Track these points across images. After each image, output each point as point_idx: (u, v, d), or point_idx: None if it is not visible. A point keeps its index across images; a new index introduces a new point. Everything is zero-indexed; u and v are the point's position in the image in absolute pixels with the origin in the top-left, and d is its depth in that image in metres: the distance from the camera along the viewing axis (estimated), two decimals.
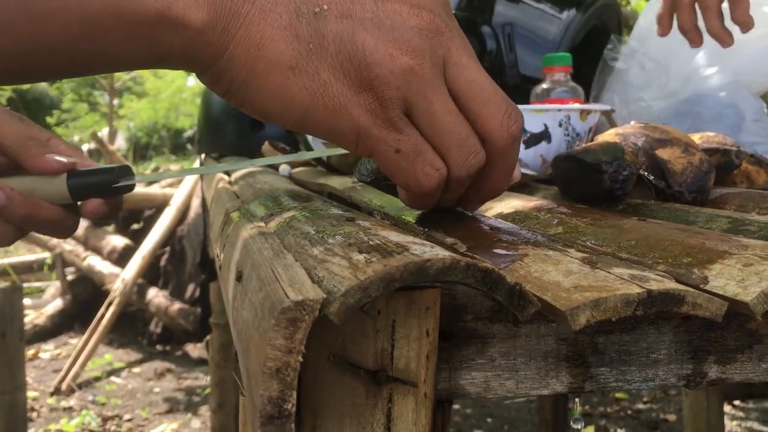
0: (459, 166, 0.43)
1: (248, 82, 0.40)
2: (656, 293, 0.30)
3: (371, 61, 0.40)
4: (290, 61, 0.39)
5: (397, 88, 0.40)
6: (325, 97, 0.40)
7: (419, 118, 0.42)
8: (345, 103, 0.40)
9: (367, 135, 0.41)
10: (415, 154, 0.42)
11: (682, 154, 0.59)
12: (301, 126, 0.42)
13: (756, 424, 2.91)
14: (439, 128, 0.42)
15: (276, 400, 0.26)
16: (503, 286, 0.29)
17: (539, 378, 0.37)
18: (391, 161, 0.42)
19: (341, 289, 0.27)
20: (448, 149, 0.43)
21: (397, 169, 0.42)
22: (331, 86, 0.40)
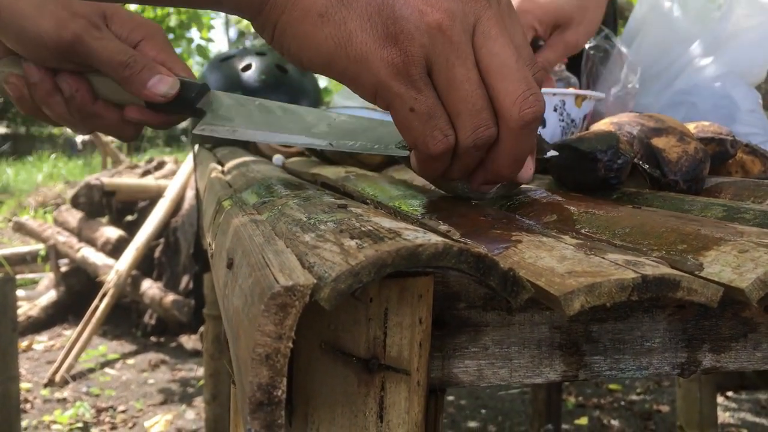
0: (467, 135, 0.43)
1: (285, 29, 0.42)
2: (651, 278, 0.30)
3: (399, 15, 0.41)
4: (320, 8, 0.41)
5: (421, 45, 0.41)
6: (348, 47, 0.41)
7: (438, 80, 0.42)
8: (367, 54, 0.41)
9: (385, 89, 0.42)
10: (427, 117, 0.43)
11: (678, 142, 0.59)
12: (327, 72, 0.43)
13: (749, 415, 2.92)
14: (456, 94, 0.42)
15: (266, 386, 0.25)
16: (496, 272, 0.29)
17: (533, 366, 0.37)
18: (404, 118, 0.43)
19: (332, 274, 0.27)
20: (459, 116, 0.43)
21: (408, 127, 0.43)
22: (356, 37, 0.41)
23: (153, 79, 0.55)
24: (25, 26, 0.53)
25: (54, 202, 6.69)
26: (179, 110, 0.58)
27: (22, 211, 6.66)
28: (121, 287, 3.71)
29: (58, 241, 4.32)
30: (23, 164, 10.98)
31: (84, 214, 4.40)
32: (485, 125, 0.43)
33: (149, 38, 0.58)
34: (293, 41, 0.43)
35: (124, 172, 4.96)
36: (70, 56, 0.55)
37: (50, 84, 0.56)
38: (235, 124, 0.57)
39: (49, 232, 4.46)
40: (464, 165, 0.46)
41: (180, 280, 4.01)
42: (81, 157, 11.53)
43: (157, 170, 4.88)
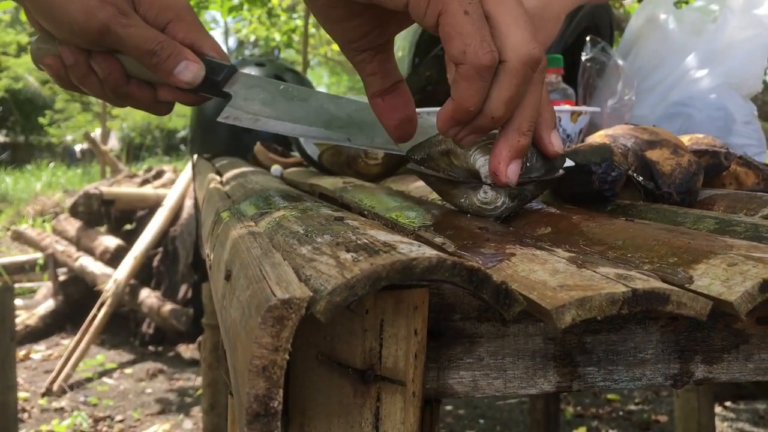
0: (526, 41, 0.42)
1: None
2: (641, 292, 0.30)
3: None
4: None
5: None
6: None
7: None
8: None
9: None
10: (481, 21, 0.41)
11: (671, 155, 0.60)
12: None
13: (747, 425, 2.92)
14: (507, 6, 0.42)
15: (262, 398, 0.26)
16: (489, 285, 0.29)
17: (527, 377, 0.37)
18: (458, 22, 0.41)
19: (328, 287, 0.27)
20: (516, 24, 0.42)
21: (461, 32, 0.41)
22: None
23: (179, 66, 0.55)
24: (54, 13, 0.54)
25: (52, 210, 6.69)
26: (208, 91, 0.59)
27: (21, 220, 6.66)
28: (119, 296, 3.71)
29: (56, 250, 4.32)
30: (22, 173, 10.98)
31: (82, 223, 4.40)
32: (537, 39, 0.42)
33: (178, 19, 0.58)
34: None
35: (123, 181, 4.96)
36: (100, 42, 0.55)
37: (85, 66, 0.57)
38: (258, 113, 0.58)
39: (47, 241, 4.46)
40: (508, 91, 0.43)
41: (178, 289, 4.00)
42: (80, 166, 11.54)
43: (156, 179, 4.88)
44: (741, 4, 1.10)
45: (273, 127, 0.58)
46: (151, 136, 13.54)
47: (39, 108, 13.66)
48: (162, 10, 0.57)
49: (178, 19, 0.58)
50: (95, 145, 6.44)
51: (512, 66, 0.42)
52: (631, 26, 1.23)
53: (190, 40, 0.57)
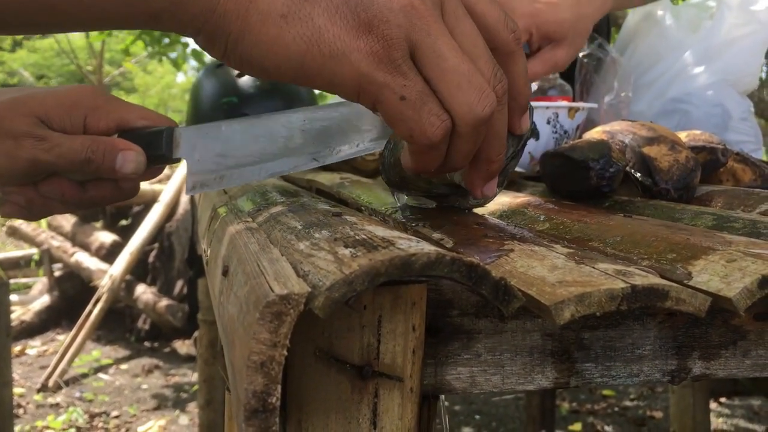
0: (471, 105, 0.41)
1: (243, 37, 0.39)
2: (640, 288, 0.30)
3: (368, 1, 0.38)
4: (282, 9, 0.38)
5: (398, 26, 0.39)
6: (321, 43, 0.38)
7: (424, 58, 0.40)
8: (343, 48, 0.38)
9: (370, 81, 0.39)
10: (421, 102, 0.40)
11: (669, 151, 0.60)
12: (301, 78, 0.40)
13: (742, 421, 2.93)
14: (446, 65, 0.40)
15: (260, 393, 0.26)
16: (488, 281, 0.29)
17: (525, 373, 0.37)
18: (396, 110, 0.40)
19: (326, 283, 0.27)
20: (458, 87, 0.40)
21: (402, 118, 0.40)
22: (327, 32, 0.38)
23: (117, 161, 0.52)
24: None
25: None
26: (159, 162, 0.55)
27: None
28: (114, 292, 3.71)
29: (51, 245, 4.31)
30: None
31: (78, 218, 4.39)
32: (487, 91, 0.41)
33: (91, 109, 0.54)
34: (255, 49, 0.39)
35: None
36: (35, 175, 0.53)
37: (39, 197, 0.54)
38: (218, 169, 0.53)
39: (42, 236, 4.45)
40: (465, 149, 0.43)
41: (174, 285, 4.00)
42: None
43: None
44: (738, 0, 1.10)
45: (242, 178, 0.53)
46: None
47: None
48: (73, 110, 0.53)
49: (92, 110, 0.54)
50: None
51: (462, 131, 0.42)
52: (628, 23, 1.23)
53: (115, 122, 0.54)
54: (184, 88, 11.04)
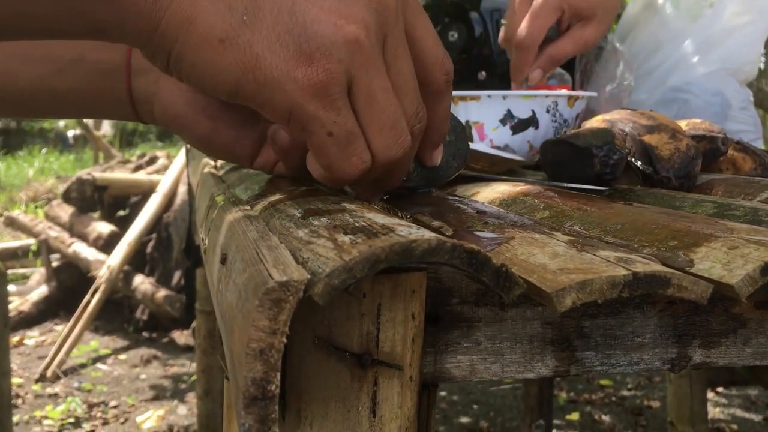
0: (389, 148, 0.42)
1: (182, 57, 0.39)
2: (642, 275, 0.30)
3: (313, 32, 0.38)
4: (220, 33, 0.37)
5: (339, 61, 0.38)
6: (257, 71, 0.38)
7: (358, 95, 0.40)
8: (278, 77, 0.38)
9: (301, 112, 0.39)
10: (347, 142, 0.41)
11: (670, 140, 0.60)
12: (235, 99, 0.40)
13: (739, 410, 2.94)
14: (376, 106, 0.41)
15: (260, 381, 0.26)
16: (489, 268, 0.29)
17: (525, 362, 0.37)
18: (322, 143, 0.40)
19: (326, 269, 0.27)
20: (381, 130, 0.41)
21: (325, 152, 0.41)
22: (264, 60, 0.38)
23: None
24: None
25: (45, 196, 6.67)
26: None
27: (14, 206, 6.64)
28: (112, 282, 3.71)
29: (49, 236, 4.30)
30: (14, 159, 10.93)
31: (76, 209, 4.38)
32: (404, 134, 0.42)
33: None
34: (192, 70, 0.39)
35: (116, 167, 4.95)
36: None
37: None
38: None
39: (40, 227, 4.45)
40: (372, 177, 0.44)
41: (172, 275, 4.00)
42: (72, 152, 11.50)
43: (149, 165, 4.87)
44: None
45: None
46: None
47: None
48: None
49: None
50: (88, 130, 6.41)
51: (375, 166, 0.43)
52: (628, 12, 1.23)
53: None
54: None
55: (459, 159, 0.53)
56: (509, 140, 0.83)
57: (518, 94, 0.83)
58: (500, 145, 0.83)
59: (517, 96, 0.83)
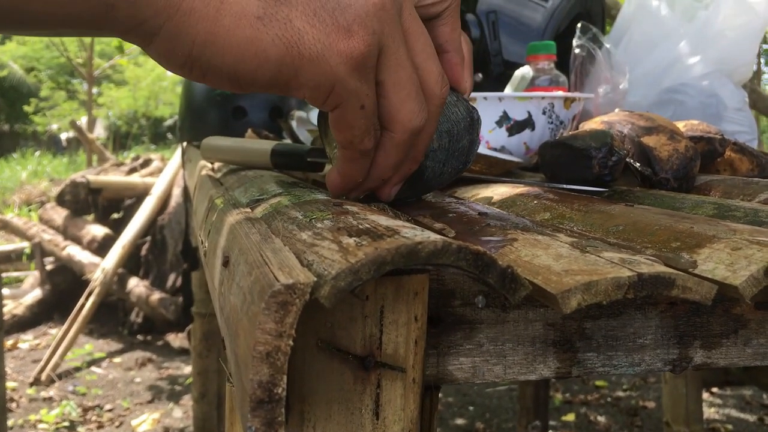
0: (413, 114, 0.41)
1: (213, 42, 0.36)
2: (647, 276, 0.30)
3: (346, 4, 0.37)
4: (257, 10, 0.36)
5: (374, 32, 0.38)
6: (301, 45, 0.36)
7: (385, 65, 0.39)
8: (322, 51, 0.37)
9: (343, 87, 0.38)
10: (372, 114, 0.40)
11: (668, 141, 0.60)
12: (274, 82, 0.38)
13: (733, 411, 2.95)
14: (402, 75, 0.40)
15: (266, 384, 0.25)
16: (495, 269, 0.29)
17: (527, 363, 0.37)
18: (353, 117, 0.39)
19: (332, 272, 0.27)
20: (407, 98, 0.40)
21: (355, 125, 0.40)
22: (306, 34, 0.36)
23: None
24: None
25: (39, 199, 6.64)
26: None
27: (7, 209, 6.62)
28: (107, 285, 3.70)
29: (43, 239, 4.29)
30: (7, 161, 10.90)
31: (69, 211, 4.37)
32: (423, 107, 0.41)
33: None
34: (226, 54, 0.36)
35: (110, 170, 4.93)
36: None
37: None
38: None
39: (34, 230, 4.43)
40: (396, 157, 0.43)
41: (167, 278, 3.99)
42: (66, 155, 11.47)
43: (143, 168, 4.85)
44: None
45: None
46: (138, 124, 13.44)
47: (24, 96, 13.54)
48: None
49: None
50: (81, 133, 6.39)
51: (398, 137, 0.42)
52: (623, 13, 1.23)
53: None
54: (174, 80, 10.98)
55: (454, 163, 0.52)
56: (506, 142, 0.83)
57: (514, 96, 0.83)
58: (497, 146, 0.83)
59: (513, 98, 0.83)
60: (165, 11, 0.35)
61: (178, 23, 0.36)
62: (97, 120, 11.78)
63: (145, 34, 0.37)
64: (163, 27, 0.36)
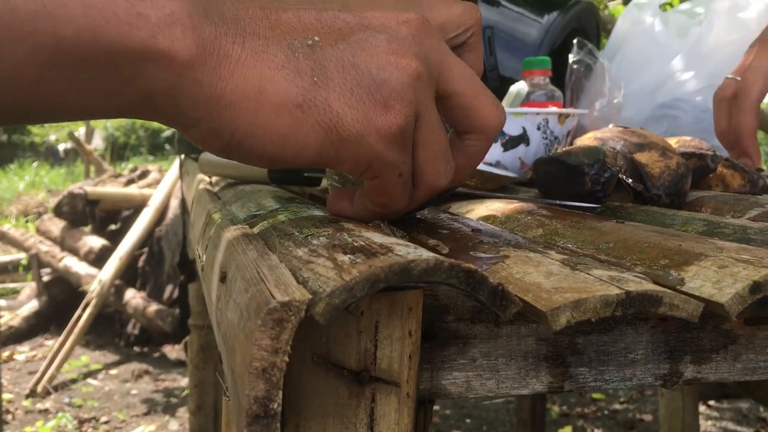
0: (438, 176, 0.42)
1: (253, 133, 0.37)
2: (635, 294, 0.30)
3: (381, 79, 0.38)
4: (296, 99, 0.36)
5: (410, 103, 0.38)
6: (340, 128, 0.37)
7: (420, 130, 0.40)
8: (360, 131, 0.37)
9: (381, 161, 0.39)
10: (408, 178, 0.41)
11: (660, 157, 0.60)
12: (314, 160, 0.39)
13: (730, 424, 2.94)
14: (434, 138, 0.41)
15: (262, 399, 0.26)
16: (486, 287, 0.30)
17: (519, 378, 0.37)
18: (391, 185, 0.41)
19: (327, 289, 0.27)
20: (435, 159, 0.41)
21: (392, 192, 0.41)
22: (345, 116, 0.37)
23: None
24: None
25: (36, 210, 6.64)
26: None
27: (4, 220, 6.61)
28: (104, 297, 3.69)
29: (40, 250, 4.28)
30: (5, 172, 10.89)
31: (67, 223, 4.37)
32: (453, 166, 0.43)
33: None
34: (267, 143, 0.37)
35: (108, 181, 4.93)
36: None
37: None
38: None
39: (31, 241, 4.42)
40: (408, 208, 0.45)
41: (164, 289, 3.99)
42: (63, 166, 11.46)
43: (141, 179, 4.86)
44: (726, 7, 1.11)
45: None
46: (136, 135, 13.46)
47: None
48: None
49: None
50: (79, 144, 6.40)
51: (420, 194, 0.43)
52: (617, 29, 1.24)
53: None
54: None
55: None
56: (500, 157, 0.84)
57: (509, 112, 0.84)
58: (491, 161, 0.84)
59: (509, 113, 0.84)
60: (205, 105, 0.36)
61: (218, 116, 0.36)
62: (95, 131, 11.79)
63: (185, 123, 0.37)
64: (202, 119, 0.37)
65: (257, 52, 0.36)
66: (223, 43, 0.35)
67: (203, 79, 0.35)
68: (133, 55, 0.33)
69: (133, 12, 0.32)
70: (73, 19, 0.31)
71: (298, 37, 0.37)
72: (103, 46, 0.32)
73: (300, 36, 0.37)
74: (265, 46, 0.36)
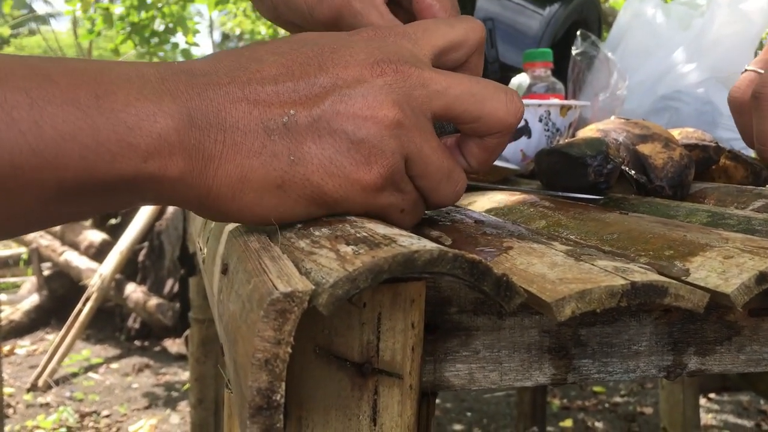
0: (446, 198, 0.43)
1: (242, 214, 0.39)
2: (640, 285, 0.30)
3: (358, 139, 0.38)
4: (276, 180, 0.38)
5: (392, 151, 0.39)
6: (324, 196, 0.39)
7: (413, 166, 0.41)
8: (345, 194, 0.39)
9: (375, 207, 0.40)
10: (414, 209, 0.43)
11: (663, 149, 0.60)
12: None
13: (731, 416, 2.95)
14: (432, 169, 0.42)
15: (265, 391, 0.26)
16: (490, 277, 0.30)
17: (523, 370, 0.37)
18: (397, 220, 0.42)
19: (330, 280, 0.27)
20: (438, 185, 0.42)
21: (399, 223, 0.42)
22: (326, 185, 0.38)
23: None
24: None
25: None
26: None
27: None
28: (104, 291, 3.69)
29: (40, 244, 4.28)
30: None
31: None
32: (461, 181, 0.44)
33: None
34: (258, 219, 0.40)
35: None
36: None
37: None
38: None
39: (31, 235, 4.43)
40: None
41: (164, 283, 3.99)
42: None
43: None
44: None
45: None
46: None
47: None
48: None
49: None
50: None
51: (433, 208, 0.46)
52: (619, 21, 1.24)
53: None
54: None
55: None
56: None
57: None
58: None
59: None
60: (196, 200, 0.38)
61: (208, 206, 0.39)
62: None
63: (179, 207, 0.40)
64: (195, 209, 0.40)
65: (236, 143, 0.38)
66: (206, 145, 0.37)
67: (191, 182, 0.38)
68: (126, 182, 0.36)
69: (125, 144, 0.35)
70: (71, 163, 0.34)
71: (275, 116, 0.38)
72: (99, 180, 0.35)
73: (277, 113, 0.38)
74: (243, 137, 0.38)
